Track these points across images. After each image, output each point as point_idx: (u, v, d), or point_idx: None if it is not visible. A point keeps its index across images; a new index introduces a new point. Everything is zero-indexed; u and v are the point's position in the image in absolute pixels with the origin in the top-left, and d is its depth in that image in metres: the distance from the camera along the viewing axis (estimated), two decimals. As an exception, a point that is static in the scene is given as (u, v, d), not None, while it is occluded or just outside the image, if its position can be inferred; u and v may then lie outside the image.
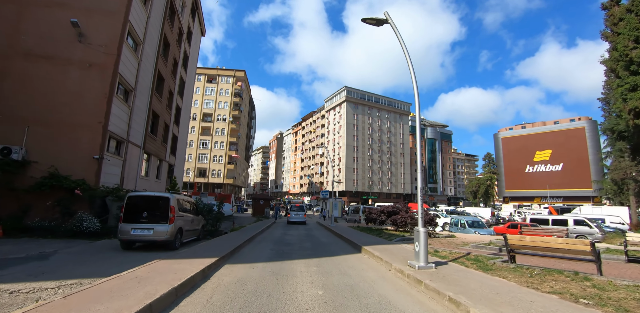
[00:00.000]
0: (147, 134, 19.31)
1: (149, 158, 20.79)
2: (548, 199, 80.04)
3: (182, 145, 31.07)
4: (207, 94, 55.90)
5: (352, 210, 24.36)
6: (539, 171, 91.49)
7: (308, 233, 15.29)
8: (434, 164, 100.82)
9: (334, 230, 15.71)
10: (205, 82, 56.24)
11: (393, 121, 78.17)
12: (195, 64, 35.10)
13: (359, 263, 7.49)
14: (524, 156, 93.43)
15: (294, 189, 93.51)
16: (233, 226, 16.21)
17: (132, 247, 8.85)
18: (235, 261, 7.23)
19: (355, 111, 71.33)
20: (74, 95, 13.82)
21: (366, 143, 71.80)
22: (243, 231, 13.85)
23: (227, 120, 54.80)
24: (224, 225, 18.37)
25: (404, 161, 78.75)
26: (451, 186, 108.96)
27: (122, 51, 14.70)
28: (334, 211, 34.76)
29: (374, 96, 76.10)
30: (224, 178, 52.99)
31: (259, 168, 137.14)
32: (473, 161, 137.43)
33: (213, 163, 53.45)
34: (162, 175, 24.04)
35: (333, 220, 20.04)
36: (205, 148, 53.95)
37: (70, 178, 12.56)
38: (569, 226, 19.63)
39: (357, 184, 67.69)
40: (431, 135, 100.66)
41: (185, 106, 31.37)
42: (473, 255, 8.17)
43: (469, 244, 11.22)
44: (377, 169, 72.61)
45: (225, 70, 57.34)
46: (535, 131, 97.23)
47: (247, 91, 63.99)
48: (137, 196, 8.61)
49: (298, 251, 9.19)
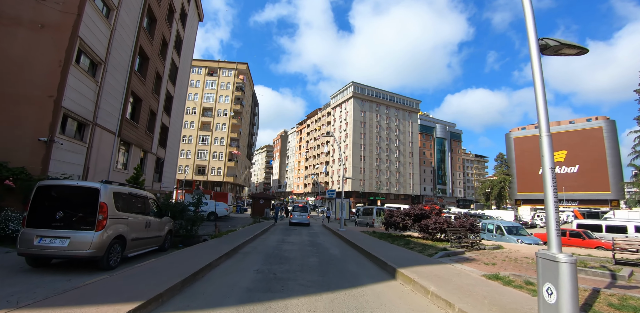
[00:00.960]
0: (125, 120, 16.40)
1: (128, 148, 17.89)
2: (563, 202, 75.98)
3: (174, 138, 28.20)
4: (208, 88, 53.18)
5: (363, 211, 21.12)
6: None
7: (313, 241, 12.21)
8: (443, 164, 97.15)
9: (346, 236, 12.61)
10: (205, 75, 53.55)
11: (402, 118, 74.81)
12: (192, 50, 32.26)
13: (406, 306, 4.38)
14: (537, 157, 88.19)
15: (298, 190, 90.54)
16: (216, 230, 13.10)
17: (49, 264, 5.84)
18: (183, 303, 4.08)
19: (362, 107, 68.17)
20: (20, 62, 10.96)
21: (374, 141, 68.54)
22: (229, 238, 10.79)
23: (228, 115, 51.99)
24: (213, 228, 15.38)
25: (412, 160, 75.32)
26: (461, 188, 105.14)
27: (84, 11, 11.80)
28: (342, 212, 31.63)
29: (382, 93, 72.86)
30: (224, 176, 50.15)
31: (263, 168, 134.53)
32: (483, 162, 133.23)
33: (213, 160, 50.66)
34: (147, 169, 21.14)
35: (342, 223, 16.83)
36: (204, 144, 51.18)
37: (7, 164, 9.65)
38: (628, 233, 16.41)
39: (364, 184, 64.45)
40: (440, 134, 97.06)
41: (179, 95, 28.50)
42: (617, 297, 4.70)
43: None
44: (385, 168, 69.29)
45: (227, 63, 54.60)
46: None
47: (249, 85, 61.19)
48: (49, 186, 5.56)
49: (298, 274, 6.11)
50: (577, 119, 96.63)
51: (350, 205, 34.15)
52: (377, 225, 17.92)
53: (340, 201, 27.53)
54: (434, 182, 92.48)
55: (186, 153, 50.69)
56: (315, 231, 17.04)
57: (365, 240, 11.47)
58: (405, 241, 10.91)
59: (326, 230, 17.82)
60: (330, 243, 11.66)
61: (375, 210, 18.07)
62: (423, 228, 11.16)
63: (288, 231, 15.99)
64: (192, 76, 53.32)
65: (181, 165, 50.24)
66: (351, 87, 67.98)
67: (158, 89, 22.24)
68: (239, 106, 52.79)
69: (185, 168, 50.22)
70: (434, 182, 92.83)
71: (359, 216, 21.38)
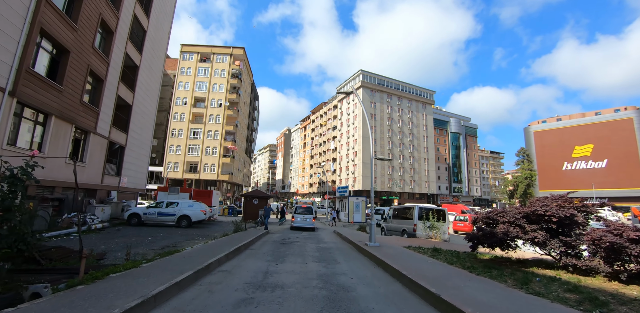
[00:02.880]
0: (29, 72, 10.45)
1: (46, 119, 11.93)
2: (594, 200, 67.93)
3: (144, 122, 22.29)
4: (200, 75, 47.44)
5: (395, 213, 14.34)
6: (579, 168, 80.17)
7: (329, 277, 5.80)
8: (459, 161, 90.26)
9: (396, 265, 6.24)
10: (197, 62, 47.84)
11: (415, 110, 68.34)
12: (170, 19, 26.36)
13: None
14: (560, 152, 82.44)
15: (302, 190, 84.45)
16: (125, 260, 6.77)
17: None
18: None
19: (372, 98, 61.91)
20: None
21: (385, 135, 62.17)
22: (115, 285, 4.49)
23: (223, 105, 46.13)
24: (177, 238, 9.54)
25: (428, 156, 68.74)
26: (477, 186, 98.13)
27: None
28: (356, 214, 25.37)
29: (393, 82, 66.52)
30: (218, 174, 44.24)
31: (266, 168, 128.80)
32: (498, 158, 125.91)
33: (205, 156, 44.79)
34: (91, 157, 15.19)
35: (373, 234, 9.34)
36: (196, 138, 45.36)
37: None
38: None
39: (375, 182, 58.00)
40: (455, 129, 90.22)
41: (151, 68, 22.63)
42: None
43: None
44: (398, 165, 62.83)
45: (221, 47, 48.84)
46: (573, 124, 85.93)
47: (247, 73, 55.35)
48: None
49: None
50: (603, 110, 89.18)
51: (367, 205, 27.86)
52: (422, 234, 11.73)
53: (354, 201, 21.37)
54: (449, 180, 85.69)
55: (175, 149, 44.93)
56: (328, 245, 10.84)
57: (451, 277, 5.27)
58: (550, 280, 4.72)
59: (343, 243, 11.64)
60: (376, 292, 5.18)
61: (417, 211, 11.84)
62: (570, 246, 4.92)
63: (283, 247, 9.66)
64: (183, 62, 47.72)
65: (170, 162, 44.52)
66: (359, 76, 61.81)
67: (108, 48, 16.29)
68: (235, 95, 46.92)
69: (174, 165, 44.44)
70: (449, 180, 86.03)
71: (387, 220, 15.15)
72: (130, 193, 20.80)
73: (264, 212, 17.69)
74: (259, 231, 13.96)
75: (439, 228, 11.50)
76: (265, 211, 17.26)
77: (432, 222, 11.30)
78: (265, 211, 17.32)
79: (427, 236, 11.75)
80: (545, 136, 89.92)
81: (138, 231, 13.92)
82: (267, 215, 17.14)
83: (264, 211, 17.40)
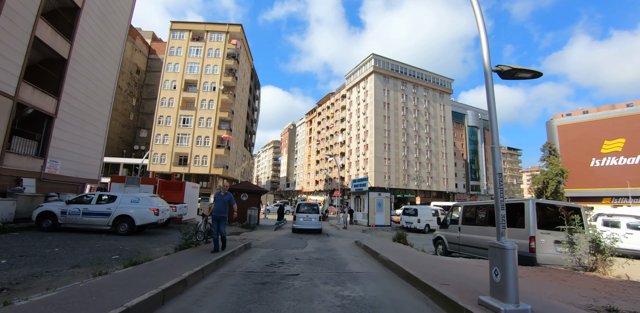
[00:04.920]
0: None
1: None
2: (629, 200, 60.87)
3: (93, 89, 16.57)
4: (192, 56, 41.74)
5: (467, 214, 7.82)
6: (609, 165, 72.74)
7: None
8: (476, 157, 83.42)
9: None
10: (189, 41, 42.14)
11: (432, 100, 61.91)
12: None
13: None
14: (587, 148, 75.14)
15: (308, 187, 78.60)
16: None
17: None
18: None
19: (385, 85, 55.67)
20: None
21: (400, 126, 55.90)
22: None
23: (217, 89, 40.36)
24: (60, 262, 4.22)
25: (446, 150, 62.29)
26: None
27: None
28: (378, 215, 19.32)
29: (408, 68, 60.16)
30: (210, 167, 38.50)
31: (270, 165, 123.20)
32: (516, 155, 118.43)
33: (196, 147, 39.08)
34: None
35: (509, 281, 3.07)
36: (186, 126, 39.68)
37: None
38: None
39: (389, 178, 51.87)
40: (472, 122, 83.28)
41: (101, 16, 16.87)
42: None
43: None
44: (414, 160, 56.51)
45: (216, 24, 43.05)
46: (601, 117, 78.30)
47: (246, 56, 49.54)
48: None
49: None
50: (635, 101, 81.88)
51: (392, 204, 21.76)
52: (552, 257, 5.62)
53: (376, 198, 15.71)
54: (466, 177, 79.06)
55: (163, 138, 39.30)
56: (366, 291, 4.68)
57: None
58: None
59: (398, 283, 5.64)
60: None
61: (532, 211, 5.92)
62: None
63: (257, 304, 3.75)
64: (173, 41, 42.09)
65: (156, 154, 38.95)
66: (371, 61, 55.62)
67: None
68: (230, 78, 41.12)
69: (162, 157, 38.84)
70: (467, 177, 79.39)
71: (448, 227, 8.88)
72: (69, 183, 15.07)
73: (210, 208, 8.60)
74: (233, 246, 8.02)
75: (584, 245, 5.53)
76: (217, 205, 7.44)
77: (570, 233, 5.38)
78: (216, 206, 7.45)
79: (567, 263, 5.78)
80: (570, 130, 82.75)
81: (31, 240, 8.32)
82: (222, 217, 7.45)
83: (214, 204, 7.56)
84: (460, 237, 8.34)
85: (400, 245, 9.39)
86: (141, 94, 49.67)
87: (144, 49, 50.05)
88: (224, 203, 7.55)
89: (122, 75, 44.16)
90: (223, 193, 7.67)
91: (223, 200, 7.56)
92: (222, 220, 7.48)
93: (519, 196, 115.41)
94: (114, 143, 43.19)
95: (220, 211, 7.44)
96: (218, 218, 7.41)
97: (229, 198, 7.67)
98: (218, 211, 7.42)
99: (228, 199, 7.64)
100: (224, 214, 7.53)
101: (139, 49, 48.21)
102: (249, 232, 13.70)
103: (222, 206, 7.50)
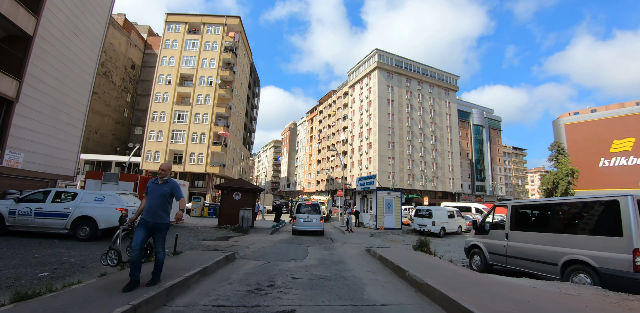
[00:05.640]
0: None
1: None
2: None
3: (66, 73, 14.69)
4: (188, 49, 39.88)
5: (519, 216, 6.40)
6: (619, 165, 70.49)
7: None
8: (482, 157, 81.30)
9: None
10: (185, 33, 40.30)
11: (437, 97, 59.91)
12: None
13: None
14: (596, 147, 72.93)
15: (308, 188, 76.66)
16: None
17: None
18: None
19: (389, 82, 53.72)
20: None
21: (404, 124, 53.91)
22: None
23: (214, 83, 38.48)
24: None
25: (452, 149, 60.24)
26: (502, 185, 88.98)
27: None
28: (387, 216, 17.34)
29: (413, 64, 58.21)
30: (206, 165, 36.58)
31: (271, 165, 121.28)
32: (521, 155, 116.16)
33: (192, 144, 37.17)
34: None
35: None
36: (181, 123, 37.80)
37: None
38: None
39: (394, 178, 49.87)
40: (477, 121, 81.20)
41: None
42: None
43: None
44: (419, 159, 54.49)
45: (213, 16, 41.21)
46: (610, 115, 76.05)
47: (245, 50, 47.67)
48: None
49: None
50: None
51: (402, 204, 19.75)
52: None
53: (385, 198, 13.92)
54: (472, 177, 76.96)
55: (157, 135, 37.43)
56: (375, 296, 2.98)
57: None
58: None
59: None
60: None
61: (633, 209, 4.41)
62: None
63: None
64: (168, 34, 40.28)
65: (150, 151, 37.08)
66: (375, 56, 53.68)
67: None
68: (228, 72, 39.24)
69: (155, 154, 36.95)
70: (472, 177, 77.29)
71: (488, 232, 6.97)
72: (36, 179, 13.16)
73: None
74: (207, 259, 6.07)
75: None
76: (149, 201, 4.24)
77: None
78: (148, 202, 4.26)
79: None
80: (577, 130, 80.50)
81: None
82: (157, 224, 4.17)
83: (144, 200, 4.38)
84: (509, 246, 6.34)
85: (425, 256, 7.42)
86: (136, 90, 47.85)
87: (139, 43, 48.27)
88: (162, 197, 4.21)
89: (116, 70, 42.36)
90: (161, 180, 4.33)
91: (160, 193, 4.20)
92: (158, 229, 4.17)
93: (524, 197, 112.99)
94: (107, 140, 41.35)
95: (153, 212, 4.14)
96: (150, 224, 4.12)
97: (171, 188, 4.28)
98: (151, 212, 4.14)
99: (169, 190, 4.26)
100: (162, 217, 4.18)
101: (134, 44, 46.42)
102: (240, 236, 11.75)
103: (159, 203, 4.18)
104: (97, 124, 39.02)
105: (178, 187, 4.41)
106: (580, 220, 5.24)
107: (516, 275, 6.46)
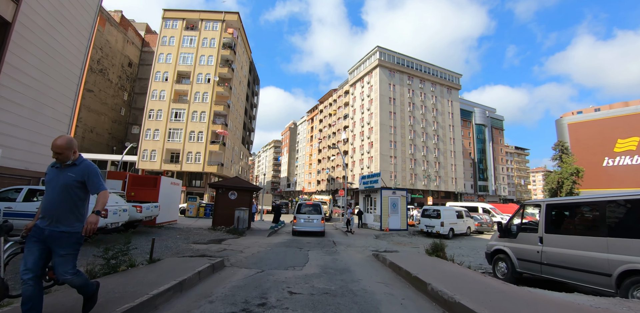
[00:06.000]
0: None
1: None
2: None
3: (51, 63, 13.84)
4: (185, 46, 39.00)
5: (555, 216, 5.52)
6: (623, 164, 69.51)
7: None
8: (484, 156, 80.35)
9: None
10: (182, 30, 39.43)
11: (440, 95, 58.96)
12: None
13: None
14: (599, 146, 71.99)
15: (309, 188, 75.74)
16: None
17: None
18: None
19: (391, 79, 52.80)
20: None
21: (406, 122, 52.98)
22: None
23: (212, 80, 37.59)
24: None
25: (454, 149, 59.29)
26: (504, 185, 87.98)
27: None
28: (392, 217, 16.41)
29: (415, 62, 57.28)
30: (204, 165, 35.67)
31: (271, 165, 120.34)
32: (523, 155, 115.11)
33: (189, 143, 36.27)
34: None
35: None
36: (178, 121, 36.90)
37: None
38: None
39: (395, 177, 48.93)
40: (480, 120, 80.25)
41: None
42: None
43: None
44: (421, 158, 53.55)
45: (211, 12, 40.33)
46: (614, 114, 75.13)
47: (244, 47, 46.78)
48: None
49: None
50: (650, 98, 78.57)
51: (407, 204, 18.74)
52: None
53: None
54: (474, 177, 75.99)
55: (153, 133, 36.53)
56: None
57: None
58: None
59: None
60: None
61: None
62: None
63: None
64: (165, 31, 39.40)
65: (146, 150, 36.19)
66: (376, 54, 52.77)
67: None
68: (226, 70, 38.35)
69: (152, 153, 36.06)
70: (475, 177, 76.33)
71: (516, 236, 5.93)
72: (15, 177, 12.25)
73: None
74: (187, 269, 5.14)
75: None
76: (47, 197, 2.70)
77: None
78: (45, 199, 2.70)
79: None
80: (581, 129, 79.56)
81: None
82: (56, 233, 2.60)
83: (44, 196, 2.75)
84: (545, 252, 5.40)
85: (442, 262, 6.48)
86: (134, 89, 46.96)
87: (136, 41, 47.39)
88: (67, 189, 2.69)
89: (112, 67, 41.48)
90: (65, 164, 2.74)
91: (63, 182, 2.69)
92: (58, 241, 2.61)
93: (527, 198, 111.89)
94: (103, 139, 40.46)
95: (52, 214, 2.65)
96: (44, 234, 2.60)
97: (81, 174, 2.74)
98: (48, 214, 2.65)
99: (79, 177, 2.73)
100: (66, 222, 2.66)
101: (131, 41, 45.55)
102: (235, 239, 10.82)
103: (61, 199, 2.66)
104: (93, 122, 38.12)
105: (95, 172, 2.77)
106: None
107: (551, 286, 5.53)
